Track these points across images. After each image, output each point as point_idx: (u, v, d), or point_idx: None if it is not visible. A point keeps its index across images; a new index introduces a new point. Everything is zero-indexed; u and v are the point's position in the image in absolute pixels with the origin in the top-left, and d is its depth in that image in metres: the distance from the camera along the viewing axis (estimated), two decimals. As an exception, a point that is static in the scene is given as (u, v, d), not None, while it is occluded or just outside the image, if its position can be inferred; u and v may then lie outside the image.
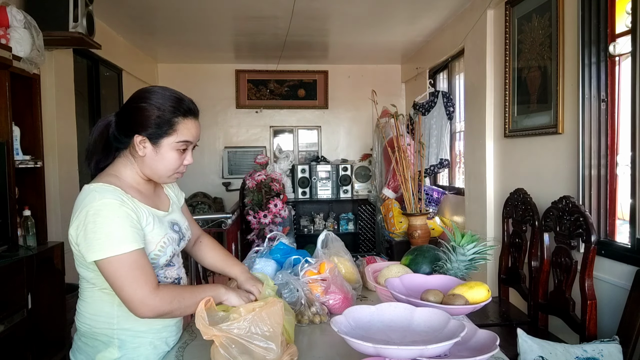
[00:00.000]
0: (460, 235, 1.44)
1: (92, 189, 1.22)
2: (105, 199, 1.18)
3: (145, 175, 1.32)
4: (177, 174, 1.33)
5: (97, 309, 1.28)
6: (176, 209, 1.47)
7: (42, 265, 2.54)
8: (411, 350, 0.98)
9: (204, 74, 5.79)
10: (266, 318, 1.15)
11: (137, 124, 1.25)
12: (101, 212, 1.16)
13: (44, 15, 2.81)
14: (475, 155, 3.65)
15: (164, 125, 1.25)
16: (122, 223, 1.17)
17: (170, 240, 1.33)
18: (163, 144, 1.26)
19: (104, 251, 1.15)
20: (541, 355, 1.81)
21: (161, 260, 1.30)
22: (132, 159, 1.30)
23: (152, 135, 1.25)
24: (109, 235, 1.15)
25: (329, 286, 1.61)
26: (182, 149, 1.29)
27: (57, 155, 3.19)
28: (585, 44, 2.37)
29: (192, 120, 1.30)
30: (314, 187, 5.52)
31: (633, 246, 2.12)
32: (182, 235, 1.42)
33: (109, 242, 1.15)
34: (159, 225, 1.31)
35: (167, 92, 1.29)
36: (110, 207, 1.17)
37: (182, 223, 1.45)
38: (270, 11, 3.87)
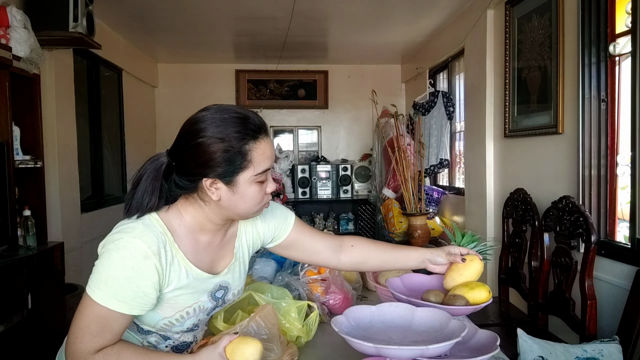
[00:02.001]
0: (461, 235, 1.44)
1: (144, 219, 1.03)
2: (139, 240, 0.99)
3: (224, 217, 1.09)
4: (264, 205, 1.10)
5: None
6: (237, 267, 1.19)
7: (42, 265, 2.54)
8: (412, 350, 0.98)
9: (204, 74, 5.79)
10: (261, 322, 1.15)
11: (200, 166, 1.01)
12: (122, 251, 0.98)
13: (44, 15, 2.81)
14: (475, 155, 3.65)
15: (235, 159, 1.00)
16: (130, 277, 0.98)
17: (198, 310, 1.11)
18: (240, 181, 1.02)
19: (93, 290, 0.98)
20: (541, 355, 1.81)
21: (174, 329, 1.11)
22: (203, 203, 1.06)
23: (223, 175, 1.01)
24: (109, 280, 0.98)
25: (329, 286, 1.61)
26: (263, 180, 1.05)
27: (57, 155, 3.19)
28: (585, 44, 2.37)
29: (265, 140, 1.03)
30: (314, 187, 5.52)
31: (633, 246, 2.12)
32: (223, 302, 1.18)
33: (105, 286, 0.97)
34: (193, 290, 1.09)
35: (224, 114, 1.02)
36: (135, 253, 0.98)
37: (234, 286, 1.19)
38: (270, 11, 3.87)
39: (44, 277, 2.55)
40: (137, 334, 1.13)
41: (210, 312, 1.18)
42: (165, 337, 1.15)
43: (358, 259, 1.32)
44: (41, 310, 2.49)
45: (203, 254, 1.11)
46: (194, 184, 1.04)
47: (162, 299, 1.06)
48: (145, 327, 1.12)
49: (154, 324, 1.10)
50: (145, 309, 1.03)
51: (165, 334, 1.13)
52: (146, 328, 1.12)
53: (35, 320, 2.44)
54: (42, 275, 2.53)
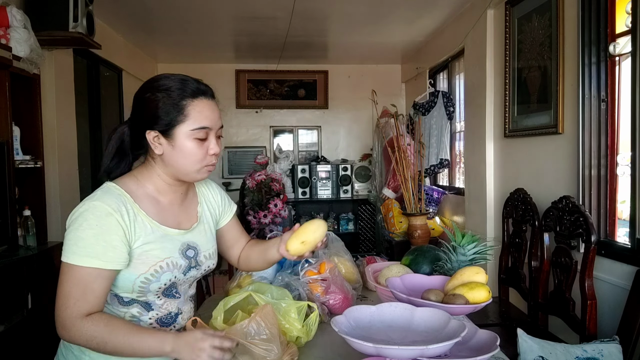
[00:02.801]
0: (461, 235, 1.44)
1: (102, 187, 1.13)
2: (99, 201, 1.08)
3: (171, 176, 1.18)
4: (207, 167, 1.16)
5: None
6: (203, 229, 1.27)
7: (42, 265, 2.54)
8: (412, 350, 0.98)
9: (204, 74, 5.72)
10: (261, 322, 1.15)
11: (146, 119, 1.12)
12: (85, 214, 1.06)
13: (44, 15, 2.81)
14: (475, 155, 3.65)
15: (171, 111, 1.10)
16: (97, 233, 1.05)
17: (171, 265, 1.15)
18: (177, 135, 1.11)
19: (67, 255, 1.05)
20: (541, 355, 1.81)
21: (152, 286, 1.13)
22: (154, 162, 1.17)
23: (162, 127, 1.11)
24: (77, 240, 1.05)
25: (329, 286, 1.61)
26: (201, 137, 1.13)
27: (57, 155, 3.19)
28: (585, 44, 2.37)
29: (205, 101, 1.15)
30: (314, 187, 5.52)
31: (633, 246, 2.12)
32: (197, 263, 1.22)
33: (74, 247, 1.04)
34: (161, 245, 1.14)
35: (171, 75, 1.15)
36: (96, 211, 1.06)
37: (204, 248, 1.25)
38: (270, 11, 3.87)
39: (44, 277, 2.55)
40: (118, 307, 1.15)
41: (187, 272, 1.20)
42: (147, 305, 1.16)
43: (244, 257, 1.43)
44: (41, 310, 2.49)
45: (166, 213, 1.19)
46: (142, 141, 1.14)
47: (133, 256, 1.11)
48: (126, 297, 1.14)
49: (132, 286, 1.12)
50: (119, 263, 1.08)
51: (146, 299, 1.16)
52: (127, 297, 1.14)
53: (35, 320, 2.44)
54: (42, 275, 2.53)
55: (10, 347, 2.26)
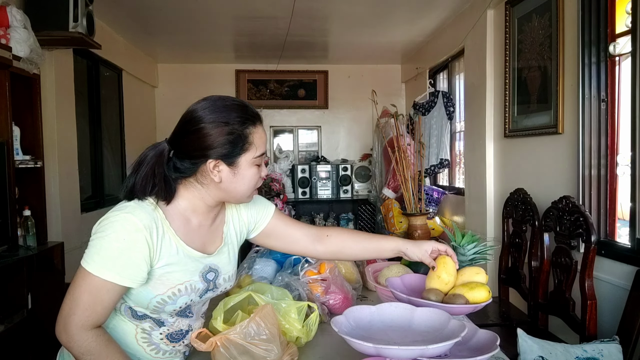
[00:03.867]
0: (461, 235, 1.44)
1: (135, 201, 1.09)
2: (132, 215, 1.05)
3: (220, 200, 1.16)
4: (256, 190, 1.18)
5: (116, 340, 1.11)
6: (227, 251, 1.24)
7: (42, 265, 2.54)
8: (412, 350, 0.98)
9: (204, 74, 5.79)
10: (261, 322, 1.15)
11: (207, 147, 1.07)
12: (115, 225, 1.04)
13: (44, 15, 2.81)
14: (475, 155, 3.65)
15: (238, 141, 1.08)
16: (122, 248, 1.03)
17: (189, 289, 1.13)
18: (241, 163, 1.10)
19: (88, 262, 1.03)
20: (541, 355, 1.81)
21: (167, 307, 1.12)
22: (200, 186, 1.13)
23: (227, 156, 1.08)
24: (101, 251, 1.03)
25: (329, 286, 1.60)
26: (259, 164, 1.13)
27: (57, 155, 3.19)
28: (585, 44, 2.37)
29: (261, 127, 1.14)
30: (314, 187, 5.52)
31: (633, 246, 2.12)
32: (215, 286, 1.21)
33: (98, 257, 1.03)
34: (184, 267, 1.12)
35: (224, 102, 1.11)
36: (127, 225, 1.04)
37: (224, 270, 1.23)
38: (270, 11, 3.87)
39: (44, 277, 2.55)
40: (131, 320, 1.14)
41: (203, 295, 1.19)
42: (159, 322, 1.15)
43: (334, 248, 1.37)
44: (41, 310, 2.49)
45: (193, 234, 1.16)
46: (195, 167, 1.10)
47: (154, 275, 1.09)
48: (140, 311, 1.13)
49: (147, 303, 1.11)
50: (136, 282, 1.06)
51: (159, 317, 1.14)
52: (140, 312, 1.13)
53: (35, 320, 2.44)
54: (42, 275, 2.53)
55: (10, 347, 2.26)
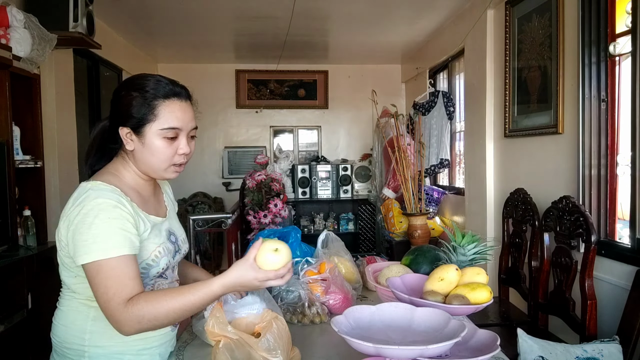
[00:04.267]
0: (461, 235, 1.44)
1: (89, 187, 1.12)
2: (101, 198, 1.09)
3: (141, 171, 1.22)
4: (174, 166, 1.20)
5: (70, 320, 1.18)
6: (173, 216, 1.36)
7: (42, 265, 2.54)
8: (412, 351, 0.98)
9: (204, 74, 5.79)
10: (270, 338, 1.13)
11: (120, 115, 1.16)
12: (93, 212, 1.07)
13: (44, 15, 2.81)
14: (475, 155, 3.65)
15: (142, 110, 1.13)
16: (113, 225, 1.07)
17: (165, 250, 1.22)
18: (146, 133, 1.14)
19: (91, 254, 1.05)
20: (541, 355, 1.81)
21: (152, 271, 1.19)
22: (126, 157, 1.21)
23: (133, 124, 1.14)
24: (97, 237, 1.06)
25: (329, 286, 1.61)
26: (171, 136, 1.16)
27: (57, 155, 3.19)
28: (585, 44, 2.37)
29: (177, 102, 1.17)
30: (314, 187, 5.52)
31: (633, 246, 2.12)
32: (178, 247, 1.31)
33: (97, 245, 1.05)
34: (155, 233, 1.21)
35: (149, 75, 1.19)
36: (104, 207, 1.08)
37: (179, 234, 1.34)
38: (270, 11, 3.87)
39: (44, 277, 2.55)
40: None
41: (174, 256, 1.27)
42: None
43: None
44: (41, 310, 2.49)
45: (148, 204, 1.24)
46: (117, 135, 1.17)
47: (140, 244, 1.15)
48: None
49: None
50: (137, 248, 1.12)
51: (144, 281, 1.17)
52: None
53: (35, 320, 2.44)
54: (42, 275, 2.53)
55: (10, 347, 2.26)
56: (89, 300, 1.14)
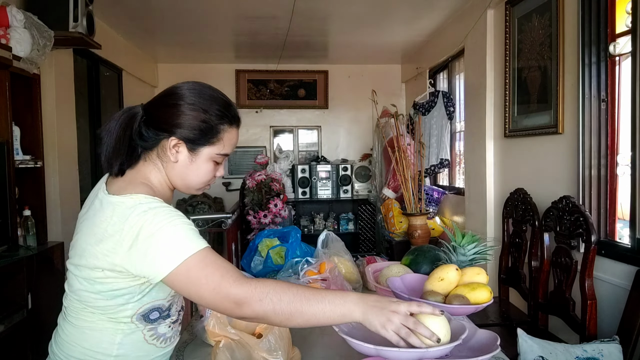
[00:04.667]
0: (461, 235, 1.44)
1: (136, 202, 0.99)
2: (157, 208, 0.98)
3: (172, 182, 1.13)
4: (207, 186, 1.16)
5: (93, 342, 1.05)
6: None
7: (42, 265, 2.54)
8: (412, 353, 0.98)
9: (204, 74, 5.78)
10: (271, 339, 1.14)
11: (176, 124, 1.06)
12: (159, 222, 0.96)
13: (44, 15, 2.80)
14: (475, 155, 3.65)
15: (209, 132, 1.07)
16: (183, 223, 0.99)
17: None
18: (202, 153, 1.08)
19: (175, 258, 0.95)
20: (541, 355, 1.81)
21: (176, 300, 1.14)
22: (160, 163, 1.10)
23: (192, 141, 1.07)
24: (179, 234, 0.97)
25: (329, 286, 1.61)
26: (219, 161, 1.12)
27: (57, 155, 3.19)
28: (585, 44, 2.37)
29: (236, 130, 1.13)
30: (314, 187, 5.52)
31: (633, 246, 2.12)
32: None
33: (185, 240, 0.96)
34: None
35: (213, 92, 1.12)
36: (166, 209, 0.99)
37: None
38: (270, 11, 3.87)
39: (44, 277, 2.55)
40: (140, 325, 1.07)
41: None
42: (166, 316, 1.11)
43: None
44: (41, 310, 2.49)
45: None
46: (158, 139, 1.07)
47: None
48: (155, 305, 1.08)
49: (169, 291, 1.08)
50: None
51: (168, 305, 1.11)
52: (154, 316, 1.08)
53: (35, 320, 2.44)
54: (42, 275, 2.53)
55: (10, 347, 2.26)
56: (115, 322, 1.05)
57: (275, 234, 2.03)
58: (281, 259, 1.87)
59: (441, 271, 1.32)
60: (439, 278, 1.31)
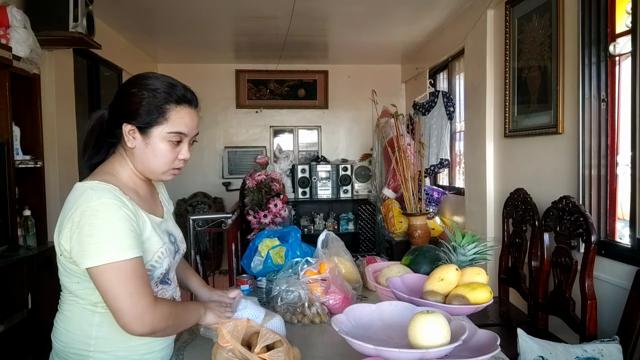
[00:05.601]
0: (461, 235, 1.44)
1: (88, 186, 1.08)
2: (104, 198, 1.05)
3: (138, 171, 1.20)
4: (173, 170, 1.20)
5: (74, 325, 1.14)
6: (170, 216, 1.34)
7: (42, 265, 2.54)
8: (412, 354, 0.99)
9: (204, 74, 5.79)
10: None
11: (126, 112, 1.14)
12: (99, 213, 1.04)
13: (44, 15, 2.81)
14: (475, 155, 3.65)
15: (153, 112, 1.13)
16: (122, 226, 1.05)
17: (166, 251, 1.20)
18: (153, 134, 1.14)
19: (101, 257, 1.02)
20: (541, 355, 1.81)
21: (156, 272, 1.18)
22: (125, 154, 1.18)
23: (140, 124, 1.13)
24: (108, 239, 1.03)
25: (329, 286, 1.61)
26: (176, 140, 1.16)
27: (57, 155, 3.19)
28: (585, 44, 2.37)
29: (187, 109, 1.17)
30: (314, 187, 5.52)
31: (633, 246, 2.12)
32: (177, 247, 1.29)
33: (108, 247, 1.02)
34: (156, 233, 1.18)
35: (161, 77, 1.18)
36: (110, 207, 1.05)
37: (177, 234, 1.32)
38: (270, 11, 3.87)
39: (44, 277, 2.55)
40: None
41: (174, 257, 1.26)
42: None
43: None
44: (41, 310, 2.49)
45: (146, 204, 1.22)
46: (119, 131, 1.16)
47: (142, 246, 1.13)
48: None
49: None
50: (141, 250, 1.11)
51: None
52: None
53: (35, 320, 2.44)
54: (42, 275, 2.53)
55: (10, 347, 2.26)
56: (93, 306, 1.12)
57: (275, 234, 2.03)
58: (281, 259, 1.87)
59: (441, 271, 1.32)
60: (439, 278, 1.31)
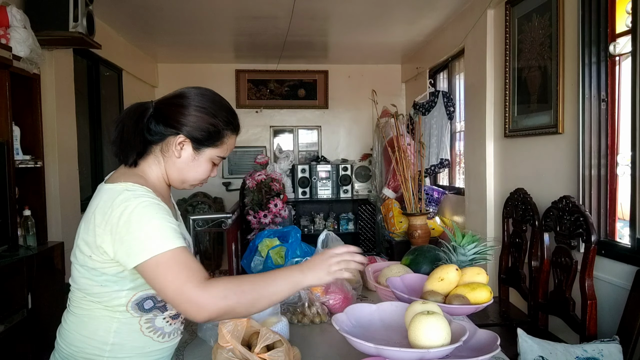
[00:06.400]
0: (461, 235, 1.44)
1: (123, 188, 1.07)
2: (142, 197, 1.05)
3: (169, 176, 1.20)
4: (200, 184, 1.25)
5: (91, 331, 1.11)
6: (181, 221, 1.33)
7: (42, 265, 2.54)
8: (412, 354, 0.99)
9: (204, 74, 5.78)
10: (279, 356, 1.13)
11: (184, 124, 1.13)
12: (140, 210, 1.03)
13: (44, 15, 2.81)
14: (475, 155, 3.65)
15: (214, 136, 1.16)
16: (164, 221, 1.04)
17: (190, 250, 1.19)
18: (204, 153, 1.17)
19: (149, 250, 1.00)
20: (541, 355, 1.81)
21: None
22: (161, 157, 1.17)
23: (198, 141, 1.15)
24: (154, 232, 1.02)
25: (329, 286, 1.61)
26: (217, 162, 1.22)
27: (57, 155, 3.19)
28: (585, 44, 2.37)
29: (235, 138, 1.24)
30: (314, 187, 5.52)
31: (633, 246, 2.12)
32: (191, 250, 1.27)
33: (153, 240, 1.01)
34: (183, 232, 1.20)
35: (222, 100, 1.21)
36: (150, 207, 1.05)
37: (189, 238, 1.30)
38: (270, 11, 3.87)
39: (44, 277, 2.55)
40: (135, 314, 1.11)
41: None
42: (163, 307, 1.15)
43: None
44: (41, 310, 2.49)
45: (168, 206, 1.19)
46: (165, 135, 1.15)
47: None
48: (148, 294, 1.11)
49: None
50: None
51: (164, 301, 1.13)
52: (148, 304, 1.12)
53: (35, 320, 2.44)
54: (42, 275, 2.53)
55: (10, 347, 2.26)
56: (111, 311, 1.10)
57: (275, 234, 2.04)
58: (281, 259, 1.87)
59: (441, 271, 1.32)
60: (439, 278, 1.31)
